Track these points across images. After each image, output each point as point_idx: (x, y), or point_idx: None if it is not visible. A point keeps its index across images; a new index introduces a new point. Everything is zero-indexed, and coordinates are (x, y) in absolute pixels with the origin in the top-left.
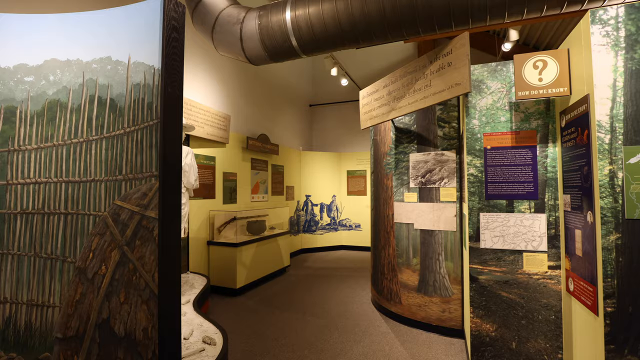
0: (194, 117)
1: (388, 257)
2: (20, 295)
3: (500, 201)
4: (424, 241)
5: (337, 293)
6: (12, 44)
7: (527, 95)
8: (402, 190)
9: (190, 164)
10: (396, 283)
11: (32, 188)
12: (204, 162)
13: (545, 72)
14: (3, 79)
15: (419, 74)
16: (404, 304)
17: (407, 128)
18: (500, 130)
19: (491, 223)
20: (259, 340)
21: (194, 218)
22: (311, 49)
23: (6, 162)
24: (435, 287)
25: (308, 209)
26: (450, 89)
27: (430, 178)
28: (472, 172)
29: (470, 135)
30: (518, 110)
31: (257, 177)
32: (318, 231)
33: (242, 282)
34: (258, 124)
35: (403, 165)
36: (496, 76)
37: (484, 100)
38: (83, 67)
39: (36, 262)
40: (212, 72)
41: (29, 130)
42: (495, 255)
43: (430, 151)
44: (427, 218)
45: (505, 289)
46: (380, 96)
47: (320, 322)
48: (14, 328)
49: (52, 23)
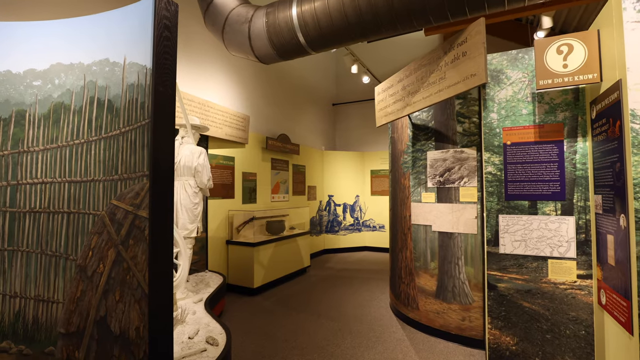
0: (212, 118)
1: (405, 260)
2: (28, 291)
3: (522, 202)
4: (442, 244)
5: (356, 296)
6: (22, 50)
7: (549, 84)
8: (419, 190)
9: (203, 164)
10: (413, 288)
11: (39, 188)
12: (223, 163)
13: (571, 58)
14: (14, 84)
15: (433, 66)
16: (421, 310)
17: (424, 124)
18: (522, 124)
19: (511, 226)
20: (269, 342)
21: (213, 217)
22: (319, 44)
23: (17, 163)
24: (455, 294)
25: (331, 209)
26: (465, 80)
27: (449, 177)
28: (490, 171)
29: (488, 130)
30: (542, 101)
31: (277, 177)
32: (341, 232)
33: (259, 282)
34: (278, 124)
35: (420, 164)
36: (517, 65)
37: (504, 92)
38: (84, 70)
39: (42, 259)
40: (231, 74)
41: (37, 132)
42: (516, 261)
43: (449, 148)
44: (445, 220)
45: (528, 298)
46: (395, 91)
47: (334, 325)
48: (23, 321)
49: (57, 29)
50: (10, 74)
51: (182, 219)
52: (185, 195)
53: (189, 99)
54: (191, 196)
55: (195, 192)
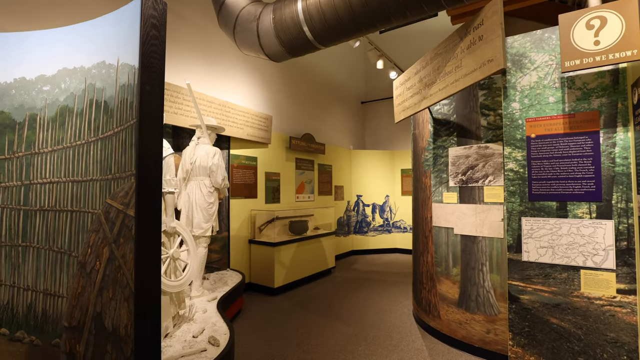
0: (233, 119)
1: (426, 265)
2: (38, 285)
3: (549, 203)
4: (465, 248)
5: (378, 300)
6: (34, 58)
7: (577, 65)
8: (440, 190)
9: (218, 164)
10: (435, 294)
11: (47, 187)
12: (245, 163)
13: (604, 33)
14: (28, 90)
15: (449, 54)
16: (442, 319)
17: (445, 119)
18: (549, 114)
19: (536, 230)
20: (282, 343)
21: (235, 217)
22: (326, 38)
23: (29, 164)
24: (479, 303)
25: (359, 209)
26: (482, 67)
27: (472, 175)
28: (511, 167)
29: (510, 122)
30: (573, 87)
31: (302, 177)
32: (370, 233)
33: (280, 282)
34: (303, 124)
35: (442, 162)
36: (542, 46)
37: (527, 78)
38: (85, 74)
39: (50, 255)
40: (253, 74)
41: (46, 135)
42: (542, 270)
43: (471, 144)
44: (468, 222)
45: (556, 314)
46: (412, 84)
47: (351, 330)
48: (33, 313)
49: (63, 35)
50: (24, 80)
51: (197, 218)
52: (200, 195)
53: (209, 100)
54: (206, 196)
55: (210, 192)
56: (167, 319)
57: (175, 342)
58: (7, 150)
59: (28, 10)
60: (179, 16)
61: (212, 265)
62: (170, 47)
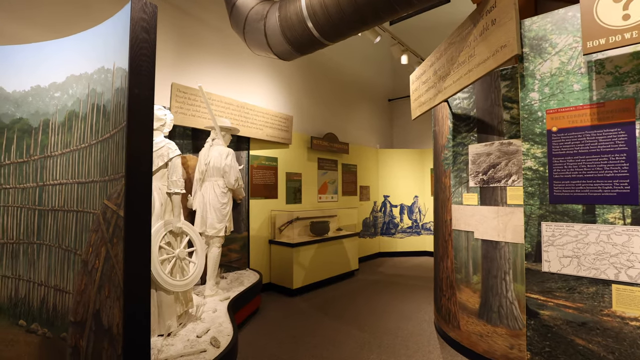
0: (252, 120)
1: (446, 271)
2: (50, 280)
3: (573, 206)
4: (486, 255)
5: (400, 306)
6: (47, 66)
7: (601, 45)
8: (460, 191)
9: (230, 164)
10: (454, 303)
11: (58, 188)
12: (265, 163)
13: (635, 5)
14: (42, 97)
15: (463, 43)
16: (462, 330)
17: (465, 114)
18: (573, 104)
19: (559, 237)
20: (292, 346)
21: (255, 217)
22: (331, 33)
23: (43, 166)
24: (501, 315)
25: (386, 210)
26: (495, 55)
27: (494, 175)
28: (529, 166)
29: (527, 115)
30: (602, 71)
31: (324, 177)
32: (398, 234)
33: (299, 283)
34: (325, 123)
35: (461, 160)
36: (565, 27)
37: (547, 64)
38: (88, 79)
39: (59, 253)
40: (273, 75)
41: (57, 139)
42: (566, 283)
43: (493, 141)
44: (489, 225)
45: (582, 334)
46: (427, 78)
47: (365, 336)
48: (46, 307)
49: (71, 43)
50: (39, 88)
51: (210, 218)
52: (213, 195)
53: (227, 102)
54: (219, 196)
55: (223, 192)
56: (172, 318)
57: (178, 341)
58: (25, 154)
59: (47, 16)
60: (199, 20)
61: (231, 265)
62: (191, 51)
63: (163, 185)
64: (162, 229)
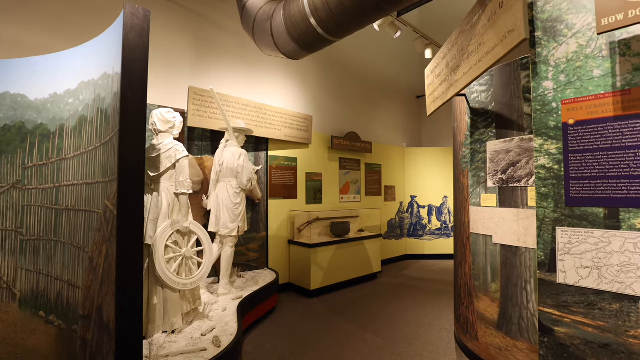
0: (269, 121)
1: (464, 277)
2: (64, 275)
3: (594, 209)
4: (505, 261)
5: (420, 311)
6: (63, 74)
7: (619, 22)
8: (478, 191)
9: (243, 165)
10: (472, 312)
11: (70, 189)
12: (284, 164)
13: None
14: (58, 103)
15: (472, 31)
16: (480, 341)
17: (483, 108)
18: (593, 93)
19: (576, 245)
20: (301, 349)
21: (274, 217)
22: (335, 29)
23: (59, 168)
24: (522, 328)
25: (413, 211)
26: (503, 41)
27: (514, 174)
28: (542, 164)
29: (540, 107)
30: (628, 53)
31: (347, 177)
32: (426, 236)
33: (317, 285)
34: (347, 122)
35: (479, 158)
36: (584, 4)
37: (563, 49)
38: (95, 85)
39: (71, 250)
40: (291, 75)
41: (70, 143)
42: (584, 298)
43: (513, 137)
44: (509, 229)
45: (604, 357)
46: (440, 71)
47: (379, 342)
48: (60, 301)
49: (82, 51)
50: (56, 95)
51: (223, 218)
52: (226, 196)
53: (244, 103)
54: (232, 196)
55: (236, 193)
56: (177, 316)
57: (182, 339)
58: (45, 157)
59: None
60: (216, 23)
61: (250, 264)
62: (208, 54)
63: (171, 186)
64: (168, 228)
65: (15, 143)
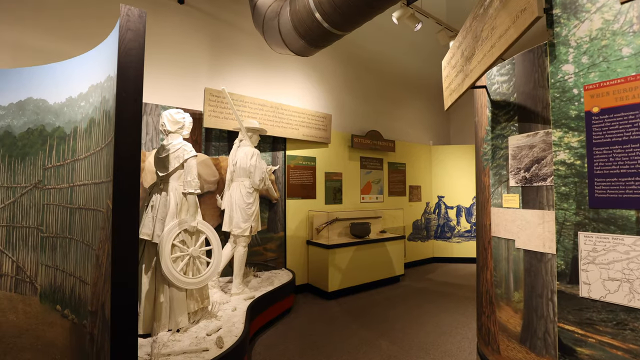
0: (287, 120)
1: (486, 284)
2: (77, 272)
3: (623, 212)
4: (529, 268)
5: (443, 319)
6: (77, 79)
7: None
8: (500, 191)
9: (255, 164)
10: (494, 322)
11: (82, 189)
12: (303, 163)
13: None
14: (73, 107)
15: (485, 16)
16: (502, 356)
17: (504, 100)
18: (622, 75)
19: (602, 253)
20: (312, 352)
21: (292, 217)
22: (340, 22)
23: (73, 169)
24: (547, 344)
25: (441, 212)
26: (515, 22)
27: (538, 172)
28: (562, 159)
29: (559, 94)
30: None
31: (368, 177)
32: (454, 238)
33: (335, 287)
34: (368, 120)
35: (501, 155)
36: None
37: (586, 26)
38: (101, 88)
39: (82, 248)
40: (309, 74)
41: (82, 144)
42: (613, 315)
43: (537, 130)
44: (533, 233)
45: None
46: (456, 61)
47: (394, 350)
48: (74, 296)
49: (92, 56)
50: (71, 99)
51: (236, 217)
52: (239, 195)
53: (260, 103)
54: (244, 196)
55: (249, 193)
56: (182, 314)
57: (186, 338)
58: (61, 158)
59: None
60: (231, 24)
61: (267, 264)
62: (224, 55)
63: (179, 186)
64: (176, 227)
65: (37, 145)
